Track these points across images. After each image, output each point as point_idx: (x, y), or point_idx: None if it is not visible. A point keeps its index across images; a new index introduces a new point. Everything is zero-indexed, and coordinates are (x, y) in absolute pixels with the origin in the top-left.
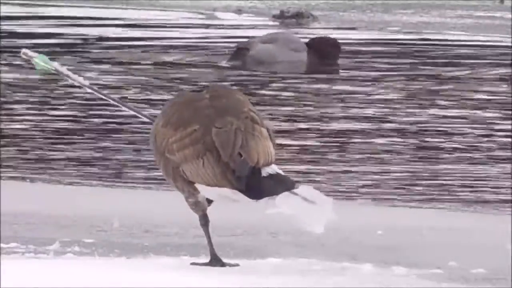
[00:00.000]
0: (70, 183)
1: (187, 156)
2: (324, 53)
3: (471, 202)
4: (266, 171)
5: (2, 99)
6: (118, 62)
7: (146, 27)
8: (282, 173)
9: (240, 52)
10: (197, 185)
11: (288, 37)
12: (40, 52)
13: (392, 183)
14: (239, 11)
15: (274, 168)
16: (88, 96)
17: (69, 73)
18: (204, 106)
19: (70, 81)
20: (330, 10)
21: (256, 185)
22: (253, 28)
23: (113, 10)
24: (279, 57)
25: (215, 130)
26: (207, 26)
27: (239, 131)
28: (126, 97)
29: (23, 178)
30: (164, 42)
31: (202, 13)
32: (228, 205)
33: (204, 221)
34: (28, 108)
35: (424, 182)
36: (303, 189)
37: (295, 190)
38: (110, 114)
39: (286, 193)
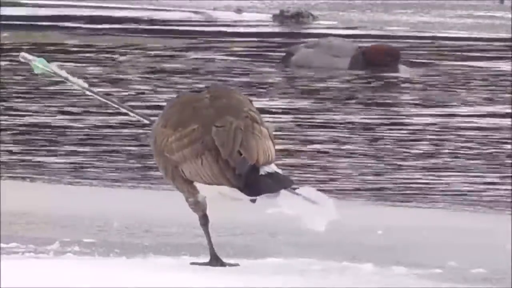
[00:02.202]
0: (70, 183)
1: (186, 155)
2: (381, 62)
3: (471, 202)
4: (264, 169)
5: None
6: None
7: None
8: (281, 172)
9: (287, 56)
10: (196, 184)
11: (333, 43)
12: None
13: (392, 183)
14: (239, 10)
15: (272, 167)
16: (88, 97)
17: (68, 75)
18: (204, 106)
19: (69, 84)
20: (330, 10)
21: (254, 183)
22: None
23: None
24: (316, 62)
25: (215, 129)
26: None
27: (239, 130)
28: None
29: (23, 178)
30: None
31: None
32: (228, 205)
33: (204, 221)
34: (28, 108)
35: (423, 181)
36: (305, 190)
37: (297, 190)
38: (109, 115)
39: (287, 193)
